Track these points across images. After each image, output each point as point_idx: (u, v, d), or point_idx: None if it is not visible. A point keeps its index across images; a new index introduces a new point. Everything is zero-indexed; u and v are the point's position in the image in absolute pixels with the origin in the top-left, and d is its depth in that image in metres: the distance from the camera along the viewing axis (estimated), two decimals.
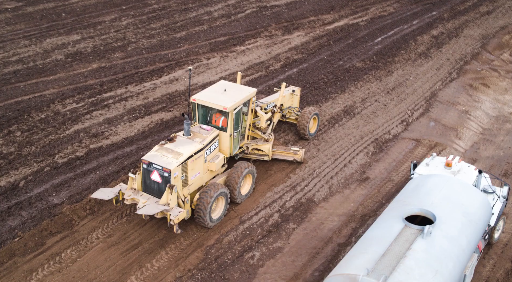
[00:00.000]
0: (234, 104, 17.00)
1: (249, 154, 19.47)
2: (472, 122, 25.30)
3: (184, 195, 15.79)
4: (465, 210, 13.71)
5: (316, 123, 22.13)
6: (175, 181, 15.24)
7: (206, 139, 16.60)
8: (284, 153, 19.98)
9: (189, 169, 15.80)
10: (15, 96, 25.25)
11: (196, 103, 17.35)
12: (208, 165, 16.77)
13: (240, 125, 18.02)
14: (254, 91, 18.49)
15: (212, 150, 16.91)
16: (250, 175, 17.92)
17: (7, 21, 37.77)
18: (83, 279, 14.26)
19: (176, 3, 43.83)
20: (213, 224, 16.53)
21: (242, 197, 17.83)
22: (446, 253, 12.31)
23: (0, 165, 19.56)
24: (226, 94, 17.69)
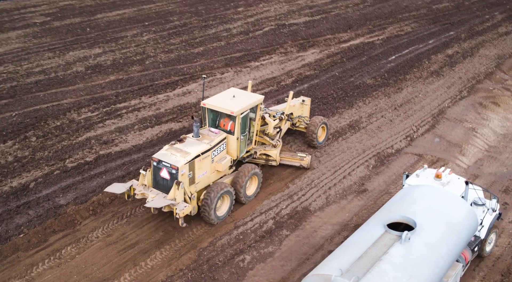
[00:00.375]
0: (241, 109, 17.95)
1: (257, 158, 20.35)
2: (478, 139, 25.42)
3: (191, 192, 16.77)
4: (448, 220, 14.00)
5: (325, 132, 23.07)
6: (182, 178, 16.23)
7: (213, 141, 17.57)
8: (291, 159, 20.83)
9: (196, 168, 16.78)
10: (34, 104, 26.52)
11: (206, 107, 18.43)
12: (215, 165, 17.71)
13: (247, 129, 18.93)
14: (262, 98, 19.41)
15: (219, 152, 17.88)
16: (256, 177, 18.82)
17: (34, 35, 39.58)
18: (79, 274, 15.01)
19: (197, 20, 45.17)
20: (218, 221, 17.50)
21: (248, 197, 18.75)
22: (423, 259, 12.62)
23: (14, 167, 20.63)
24: (235, 99, 18.65)
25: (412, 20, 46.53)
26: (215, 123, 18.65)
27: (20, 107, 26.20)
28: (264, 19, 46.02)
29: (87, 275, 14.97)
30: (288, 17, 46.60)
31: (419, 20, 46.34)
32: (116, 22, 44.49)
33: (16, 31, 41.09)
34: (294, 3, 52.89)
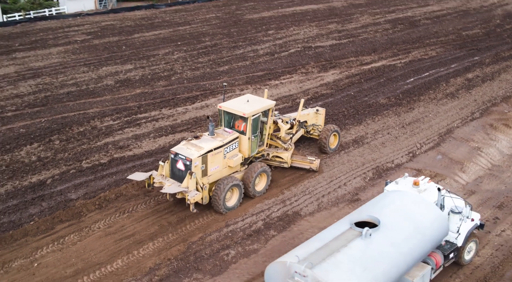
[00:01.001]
0: (252, 111, 19.85)
1: (270, 160, 22.16)
2: (482, 158, 25.82)
3: (203, 182, 18.69)
4: (414, 221, 14.84)
5: (337, 139, 24.80)
6: (195, 169, 18.27)
7: (226, 139, 19.55)
8: (301, 162, 22.53)
9: (208, 162, 18.79)
10: (63, 112, 28.81)
11: (222, 109, 20.41)
12: (227, 161, 19.60)
13: (258, 130, 20.71)
14: (273, 103, 21.28)
15: (231, 149, 19.78)
16: (265, 174, 20.63)
17: (73, 51, 42.55)
18: (77, 258, 16.60)
19: (228, 41, 47.28)
20: (227, 211, 19.33)
21: (257, 193, 20.56)
22: (382, 255, 13.52)
23: (35, 166, 22.68)
24: (248, 103, 20.60)
25: (439, 45, 47.08)
26: (230, 124, 20.52)
27: (49, 114, 28.52)
28: (292, 41, 47.66)
29: (84, 259, 16.53)
30: (316, 40, 48.07)
31: (446, 45, 46.84)
32: (151, 41, 47.14)
33: (58, 47, 44.25)
34: (324, 27, 54.39)
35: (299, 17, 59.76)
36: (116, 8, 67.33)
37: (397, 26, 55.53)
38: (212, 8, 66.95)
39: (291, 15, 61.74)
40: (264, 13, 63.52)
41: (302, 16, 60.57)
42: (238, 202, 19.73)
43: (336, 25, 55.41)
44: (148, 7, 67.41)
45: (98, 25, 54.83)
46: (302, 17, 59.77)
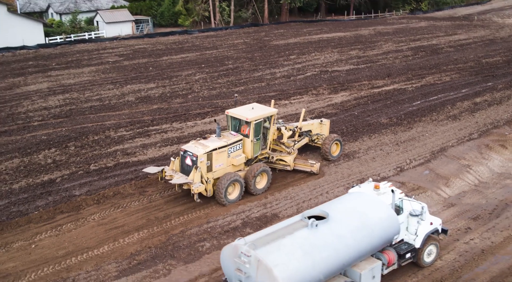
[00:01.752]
0: (255, 117, 22.33)
1: (275, 163, 24.41)
2: (470, 175, 26.77)
3: (208, 177, 21.16)
4: (363, 218, 16.28)
5: (339, 147, 27.11)
6: (201, 164, 20.86)
7: (230, 140, 22.07)
8: (303, 165, 24.81)
9: (213, 159, 21.30)
10: (82, 123, 31.61)
11: (229, 115, 23.03)
12: (231, 160, 22.05)
13: (260, 134, 23.03)
14: (275, 111, 23.90)
15: (236, 150, 22.25)
16: (265, 173, 22.85)
17: (103, 71, 45.90)
18: (69, 243, 18.79)
19: (249, 64, 49.77)
20: (229, 203, 21.61)
21: (258, 190, 22.78)
22: (325, 243, 15.04)
23: (49, 167, 25.30)
24: (252, 110, 23.13)
25: (455, 71, 48.05)
26: (236, 128, 23.03)
27: (70, 125, 31.37)
28: (310, 65, 49.67)
29: (75, 244, 18.70)
30: (334, 65, 49.93)
31: (463, 72, 47.75)
32: (177, 63, 50.14)
33: (90, 67, 47.79)
34: (345, 53, 56.24)
35: (323, 44, 61.87)
36: (151, 33, 71.32)
37: (418, 53, 56.76)
38: (242, 35, 69.98)
39: (316, 41, 63.94)
40: (291, 39, 65.98)
41: (326, 43, 62.66)
42: (239, 196, 22.10)
43: (358, 52, 57.15)
44: (182, 33, 71.09)
45: (131, 48, 58.52)
46: (327, 44, 61.86)
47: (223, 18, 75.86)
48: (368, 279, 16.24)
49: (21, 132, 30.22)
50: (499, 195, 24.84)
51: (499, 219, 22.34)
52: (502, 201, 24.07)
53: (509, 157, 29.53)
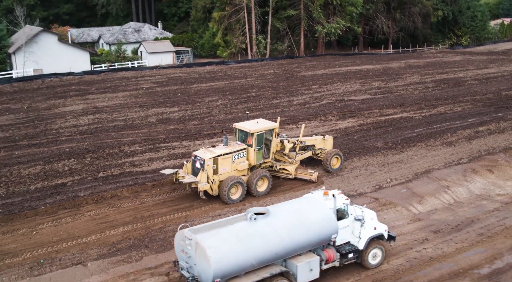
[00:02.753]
0: (257, 129, 25.96)
1: (278, 172, 27.88)
2: (447, 195, 28.39)
3: (214, 178, 24.74)
4: (302, 217, 18.69)
5: (339, 161, 30.15)
6: (207, 167, 24.56)
7: (235, 148, 25.77)
8: (303, 174, 28.11)
9: (219, 163, 24.96)
10: (103, 139, 35.58)
11: (237, 128, 26.88)
12: (235, 165, 25.55)
13: (262, 145, 26.35)
14: (276, 125, 27.37)
15: (240, 157, 25.85)
16: (266, 178, 26.19)
17: (136, 96, 50.36)
18: (64, 232, 22.18)
19: (271, 93, 53.00)
20: (231, 202, 24.94)
21: (259, 193, 26.11)
22: (260, 234, 17.54)
23: (65, 173, 29.14)
24: (256, 124, 26.62)
25: (470, 102, 49.32)
26: (242, 139, 26.62)
27: (92, 140, 35.40)
28: (329, 95, 52.32)
29: (69, 233, 22.06)
30: (351, 94, 52.36)
31: (477, 103, 48.97)
32: (204, 91, 54.06)
33: (125, 92, 52.45)
34: (367, 84, 58.55)
35: (349, 75, 64.40)
36: (190, 63, 76.22)
37: (440, 85, 58.26)
38: (274, 66, 73.60)
39: (343, 73, 66.55)
40: (320, 71, 68.93)
41: (353, 75, 65.16)
42: (241, 197, 25.42)
43: (380, 83, 59.30)
44: (219, 63, 75.54)
45: (167, 76, 63.21)
46: (352, 75, 64.34)
47: (260, 50, 79.88)
48: (305, 271, 18.52)
49: (49, 145, 34.44)
50: (469, 213, 26.34)
51: (459, 233, 23.97)
52: (469, 218, 25.62)
53: (493, 181, 30.80)
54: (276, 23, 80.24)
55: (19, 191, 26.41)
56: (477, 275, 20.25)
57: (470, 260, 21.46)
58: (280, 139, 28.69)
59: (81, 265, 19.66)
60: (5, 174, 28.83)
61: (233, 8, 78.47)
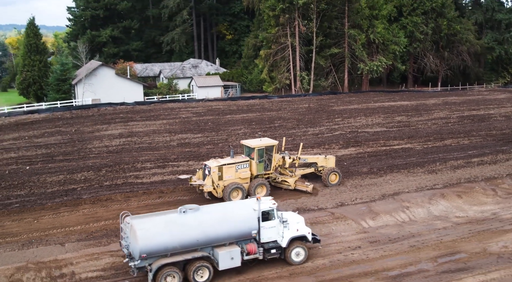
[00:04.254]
0: (258, 145, 31.59)
1: (280, 183, 33.31)
2: (403, 214, 31.26)
3: (219, 183, 30.18)
4: (227, 214, 23.03)
5: (338, 177, 34.76)
6: (213, 174, 30.16)
7: (238, 160, 31.43)
8: (301, 186, 33.06)
9: (224, 171, 30.43)
10: (124, 157, 41.60)
11: (243, 144, 32.69)
12: (239, 174, 30.90)
13: (263, 158, 31.58)
14: (276, 142, 32.80)
15: (243, 167, 31.19)
16: (264, 186, 31.45)
17: (170, 124, 56.57)
18: (58, 223, 27.71)
19: (293, 124, 57.35)
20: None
21: None
22: (186, 224, 22.04)
23: (80, 181, 35.16)
24: (259, 141, 32.43)
25: (482, 137, 50.90)
26: (247, 153, 32.08)
27: (114, 158, 41.52)
28: (346, 127, 55.82)
29: (62, 223, 27.58)
30: (367, 127, 55.54)
31: (488, 138, 50.47)
32: (233, 121, 59.37)
33: (163, 120, 58.95)
34: (390, 118, 61.31)
35: (378, 110, 67.33)
36: (235, 96, 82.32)
37: (463, 121, 59.91)
38: (313, 100, 77.83)
39: (374, 108, 69.56)
40: (354, 106, 72.34)
41: (382, 110, 68.03)
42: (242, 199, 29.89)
43: (403, 117, 61.88)
44: (262, 97, 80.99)
45: (208, 108, 69.40)
46: (382, 110, 67.23)
47: (303, 86, 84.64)
48: (226, 258, 22.60)
49: (78, 160, 40.93)
50: (415, 229, 29.12)
51: (393, 244, 26.94)
52: (411, 233, 28.49)
53: (458, 205, 33.13)
54: (320, 61, 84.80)
55: (37, 193, 32.61)
56: (384, 276, 23.30)
57: (386, 264, 24.43)
58: (282, 155, 33.50)
59: (60, 245, 25.04)
60: (33, 180, 35.26)
61: (279, 46, 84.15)
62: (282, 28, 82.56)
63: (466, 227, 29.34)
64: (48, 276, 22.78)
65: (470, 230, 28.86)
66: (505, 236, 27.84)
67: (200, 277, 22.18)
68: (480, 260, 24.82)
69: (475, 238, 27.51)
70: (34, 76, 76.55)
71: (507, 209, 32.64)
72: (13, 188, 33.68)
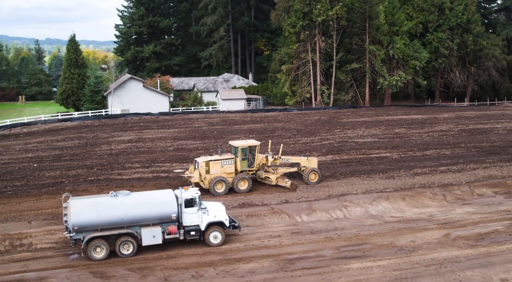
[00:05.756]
0: (240, 145, 36.74)
1: (263, 179, 38.16)
2: (340, 212, 34.32)
3: (206, 177, 35.42)
4: (151, 199, 27.62)
5: (317, 176, 38.92)
6: (201, 168, 35.47)
7: (224, 157, 36.53)
8: (281, 181, 37.82)
9: (210, 166, 35.60)
10: (119, 159, 47.13)
11: (230, 144, 38.25)
12: (224, 169, 35.96)
13: (246, 156, 36.46)
14: (258, 143, 37.55)
15: (228, 164, 36.15)
16: (246, 180, 36.22)
17: (181, 132, 61.74)
18: (37, 206, 33.11)
19: (291, 134, 61.01)
20: (217, 194, 35.18)
21: (241, 191, 36.11)
22: (113, 206, 26.65)
23: (71, 176, 40.89)
24: (243, 142, 37.79)
25: (467, 148, 52.41)
26: (234, 152, 37.19)
27: (111, 159, 47.14)
28: (339, 137, 58.91)
29: (38, 207, 32.88)
30: (360, 137, 58.40)
31: (473, 149, 52.00)
32: (238, 131, 63.89)
33: (176, 129, 64.43)
34: (390, 130, 63.68)
35: (383, 123, 69.70)
36: (255, 109, 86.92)
37: (461, 134, 61.39)
38: (328, 113, 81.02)
39: (380, 121, 71.94)
40: (363, 118, 74.96)
41: (387, 122, 70.34)
42: (225, 191, 35.59)
43: (402, 129, 64.10)
44: (281, 110, 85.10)
45: (223, 119, 74.42)
46: (386, 123, 69.57)
47: (323, 99, 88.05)
48: (149, 236, 26.97)
49: (79, 161, 46.87)
50: (343, 225, 32.09)
51: (311, 235, 30.03)
52: (336, 228, 31.58)
53: (398, 207, 35.79)
54: (340, 75, 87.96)
55: (31, 184, 38.52)
56: (283, 258, 26.42)
57: (292, 250, 27.63)
58: (266, 155, 38.01)
59: (27, 223, 30.52)
60: (33, 175, 41.37)
61: (300, 61, 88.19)
62: (303, 44, 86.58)
63: (392, 225, 31.93)
64: (10, 244, 28.12)
65: (393, 227, 31.46)
66: (420, 233, 30.21)
67: (126, 250, 26.71)
68: (380, 251, 27.51)
69: (391, 234, 30.15)
70: (72, 88, 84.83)
71: (446, 212, 34.94)
72: (13, 180, 39.85)
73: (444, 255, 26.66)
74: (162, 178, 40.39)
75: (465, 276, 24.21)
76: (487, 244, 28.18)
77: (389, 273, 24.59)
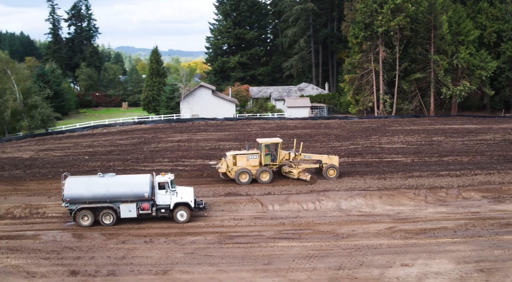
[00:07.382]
0: (264, 141, 42.43)
1: (287, 173, 43.40)
2: (312, 204, 37.83)
3: (233, 168, 41.50)
4: (128, 180, 34.17)
5: (335, 172, 43.39)
6: (228, 161, 41.53)
7: (250, 152, 42.37)
8: (302, 175, 42.46)
9: (237, 159, 41.49)
10: (156, 154, 54.71)
11: (257, 141, 43.71)
12: (249, 162, 41.66)
13: (269, 152, 41.95)
14: (280, 140, 43.13)
15: (253, 158, 41.81)
16: (267, 172, 41.75)
17: (227, 134, 68.33)
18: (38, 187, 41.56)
19: (327, 139, 64.78)
20: (242, 184, 41.08)
21: (263, 182, 41.65)
22: (98, 184, 33.49)
23: (105, 166, 49.04)
24: (268, 139, 43.86)
25: (489, 157, 52.69)
26: (260, 148, 42.31)
27: (149, 154, 54.87)
28: (370, 142, 61.51)
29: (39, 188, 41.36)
30: (389, 143, 60.56)
31: (497, 157, 52.09)
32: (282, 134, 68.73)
33: (225, 132, 70.91)
34: (428, 138, 64.69)
35: (428, 132, 70.35)
36: (316, 116, 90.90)
37: (500, 143, 60.78)
38: (385, 122, 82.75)
39: (428, 129, 72.47)
40: (413, 127, 75.75)
41: (433, 131, 70.77)
42: (248, 181, 41.27)
43: (439, 138, 64.62)
44: (342, 118, 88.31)
45: (278, 124, 79.40)
46: (431, 132, 70.13)
47: (386, 108, 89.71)
48: (125, 210, 33.36)
49: (120, 155, 55.09)
50: (304, 215, 35.27)
51: (268, 221, 33.94)
52: (298, 216, 35.21)
53: (372, 203, 38.38)
54: (403, 85, 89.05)
55: (71, 171, 46.81)
56: (226, 235, 30.74)
57: (239, 229, 31.89)
58: (288, 152, 43.34)
59: (47, 197, 38.65)
60: (79, 164, 50.09)
61: (363, 71, 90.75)
62: (365, 54, 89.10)
63: (351, 218, 34.67)
64: (29, 212, 36.16)
65: (349, 219, 34.35)
66: (367, 225, 32.82)
67: (108, 220, 33.45)
68: (316, 236, 30.88)
69: (339, 224, 32.86)
70: (153, 95, 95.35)
71: (415, 211, 36.83)
72: (59, 167, 48.73)
73: (370, 242, 29.18)
74: (178, 170, 46.82)
75: (371, 259, 26.74)
76: (421, 238, 30.08)
77: (305, 252, 27.98)
